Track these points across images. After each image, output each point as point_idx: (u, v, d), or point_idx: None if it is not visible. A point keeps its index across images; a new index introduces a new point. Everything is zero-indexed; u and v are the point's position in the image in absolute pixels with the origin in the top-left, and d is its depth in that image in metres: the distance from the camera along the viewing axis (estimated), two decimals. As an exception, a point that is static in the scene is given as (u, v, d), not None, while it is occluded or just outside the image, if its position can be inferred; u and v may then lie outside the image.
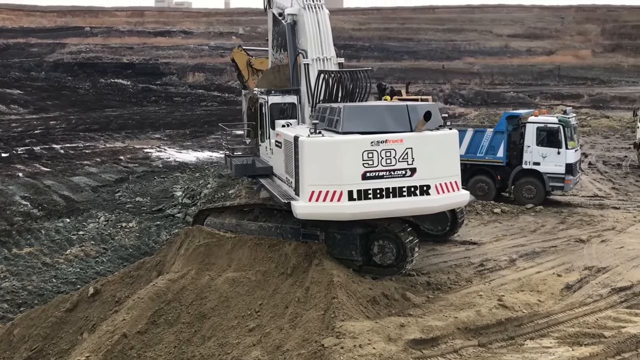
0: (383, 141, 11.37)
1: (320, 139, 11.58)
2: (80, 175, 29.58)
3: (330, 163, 11.43)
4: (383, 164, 11.37)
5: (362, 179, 11.35)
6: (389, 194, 11.46)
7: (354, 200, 11.36)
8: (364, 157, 11.33)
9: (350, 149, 11.40)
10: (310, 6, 15.24)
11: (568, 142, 19.53)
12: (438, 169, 11.72)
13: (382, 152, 11.35)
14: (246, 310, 11.38)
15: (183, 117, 52.32)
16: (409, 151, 11.44)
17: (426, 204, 11.70)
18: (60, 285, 16.39)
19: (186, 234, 13.78)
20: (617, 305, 11.63)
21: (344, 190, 11.32)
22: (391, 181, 11.44)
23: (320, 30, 14.94)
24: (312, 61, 14.97)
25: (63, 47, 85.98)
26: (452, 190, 11.89)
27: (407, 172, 11.47)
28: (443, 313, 10.85)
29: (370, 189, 11.38)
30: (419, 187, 11.54)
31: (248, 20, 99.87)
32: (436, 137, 11.79)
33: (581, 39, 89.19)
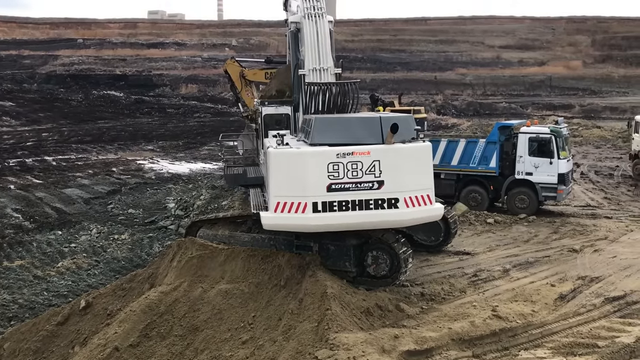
0: (349, 153, 11.30)
1: (286, 150, 11.67)
2: (73, 187, 29.43)
3: (295, 174, 11.43)
4: (349, 176, 11.30)
5: (327, 191, 11.29)
6: (355, 207, 11.35)
7: (319, 212, 11.31)
8: (330, 169, 11.27)
9: (315, 161, 11.37)
10: (311, 15, 15.27)
11: (560, 152, 19.65)
12: (408, 182, 11.49)
13: (348, 164, 11.30)
14: (239, 323, 11.31)
15: (176, 128, 52.27)
16: (376, 163, 11.33)
17: (394, 217, 11.49)
18: (52, 298, 16.24)
19: (179, 245, 13.71)
20: (610, 314, 11.64)
21: (308, 202, 11.28)
22: (357, 193, 11.32)
23: (318, 40, 14.96)
24: (308, 72, 15.01)
25: (55, 59, 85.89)
26: (424, 204, 11.59)
27: (374, 185, 11.35)
28: (437, 324, 10.82)
29: (336, 201, 11.30)
30: (387, 200, 11.36)
31: (241, 32, 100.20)
32: (405, 150, 11.58)
33: (572, 50, 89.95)
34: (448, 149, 20.92)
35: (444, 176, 21.05)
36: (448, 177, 21.01)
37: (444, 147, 20.99)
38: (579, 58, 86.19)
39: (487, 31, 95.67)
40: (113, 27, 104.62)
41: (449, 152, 20.88)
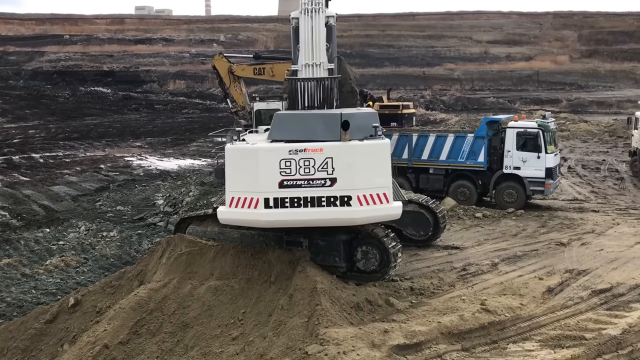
0: (302, 150, 11.33)
1: (239, 146, 11.82)
2: (60, 184, 29.21)
3: (248, 170, 11.57)
4: (301, 173, 11.31)
5: (279, 187, 11.35)
6: (307, 204, 11.34)
7: (270, 208, 11.38)
8: (282, 165, 11.32)
9: (267, 157, 11.46)
10: (307, 10, 15.25)
11: (547, 146, 19.80)
12: (361, 179, 11.39)
13: (300, 161, 11.31)
14: (229, 319, 11.31)
15: (164, 124, 52.01)
16: (329, 161, 11.29)
17: (347, 215, 11.42)
18: (40, 297, 16.14)
19: (168, 242, 13.66)
20: (597, 307, 11.78)
21: (260, 198, 11.39)
22: (310, 190, 11.33)
23: (313, 35, 14.92)
24: (301, 67, 14.99)
25: (42, 55, 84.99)
26: (380, 202, 11.45)
27: (326, 182, 11.31)
28: (426, 318, 10.89)
29: (287, 197, 11.34)
30: (339, 198, 11.29)
31: (229, 27, 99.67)
32: (360, 147, 11.46)
33: (559, 44, 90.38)
34: (436, 144, 21.01)
35: (432, 171, 21.16)
36: (437, 172, 21.10)
37: (433, 142, 21.07)
38: (566, 53, 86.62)
39: (475, 26, 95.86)
40: (100, 23, 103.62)
41: (438, 147, 20.97)
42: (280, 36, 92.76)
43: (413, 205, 15.74)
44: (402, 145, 21.44)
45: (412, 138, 21.30)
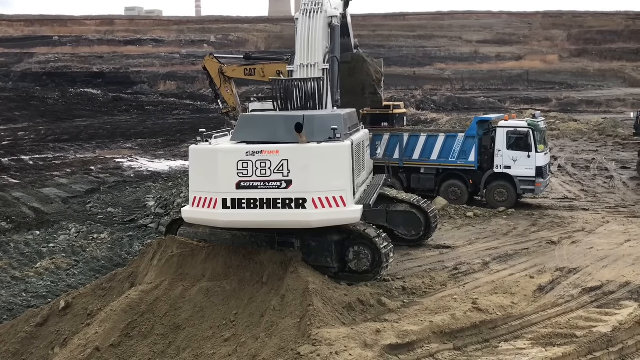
0: (258, 152, 11.37)
1: (199, 147, 11.94)
2: (50, 186, 29.03)
3: (208, 171, 11.69)
4: (258, 175, 11.35)
5: (236, 188, 11.40)
6: (263, 205, 11.37)
7: (228, 208, 11.45)
8: (239, 166, 11.38)
9: (225, 158, 11.54)
10: (307, 10, 15.26)
11: (538, 145, 19.88)
12: (317, 182, 11.33)
13: (257, 162, 11.35)
14: (221, 320, 11.28)
15: (155, 126, 51.83)
16: (284, 163, 11.29)
17: (301, 217, 11.41)
18: (31, 300, 16.03)
19: (159, 244, 13.61)
20: (588, 305, 11.85)
21: (218, 198, 11.47)
22: (266, 192, 11.35)
23: (309, 36, 14.93)
24: (296, 67, 15.00)
25: (31, 56, 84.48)
26: (336, 206, 11.37)
27: (282, 184, 11.32)
28: (418, 317, 10.91)
29: (245, 198, 11.39)
30: (295, 200, 11.28)
31: (220, 28, 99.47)
32: (315, 150, 11.42)
33: (548, 44, 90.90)
34: (427, 143, 21.05)
35: (423, 171, 21.20)
36: (428, 171, 21.15)
37: (424, 142, 21.11)
38: (555, 52, 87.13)
39: (465, 26, 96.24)
40: (90, 24, 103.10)
41: (429, 146, 21.02)
42: (271, 37, 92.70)
43: (404, 205, 15.77)
44: (393, 145, 21.47)
45: (403, 138, 21.33)
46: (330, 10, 15.48)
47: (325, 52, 15.01)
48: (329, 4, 15.71)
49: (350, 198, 11.61)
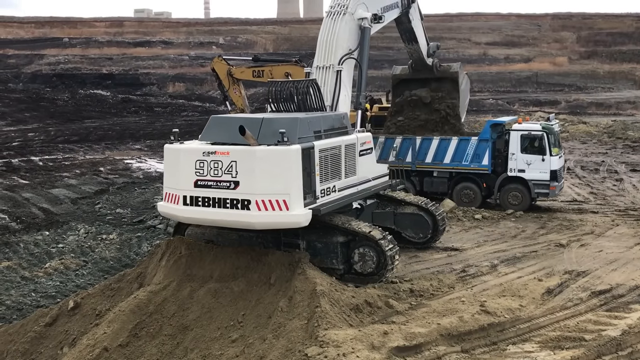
0: (213, 152, 11.77)
1: (171, 146, 12.58)
2: (60, 187, 29.20)
3: (174, 169, 12.35)
4: (212, 174, 11.76)
5: (194, 187, 11.91)
6: (215, 204, 11.75)
7: (187, 205, 12.04)
8: (197, 166, 11.86)
9: (186, 157, 12.11)
10: (330, 13, 15.35)
11: (552, 148, 19.76)
12: (261, 185, 11.47)
13: (211, 162, 11.75)
14: (229, 321, 11.30)
15: (164, 127, 52.01)
16: (233, 164, 11.57)
17: (245, 218, 11.61)
18: (40, 300, 16.12)
19: (167, 245, 13.66)
20: (597, 308, 11.77)
21: (180, 195, 12.14)
22: (217, 192, 11.73)
23: (328, 38, 15.01)
24: (313, 69, 15.07)
25: (41, 58, 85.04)
26: (279, 209, 11.43)
27: (231, 185, 11.61)
28: (426, 320, 10.88)
29: (201, 196, 11.87)
30: (240, 201, 11.53)
31: (228, 30, 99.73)
32: (259, 152, 11.53)
33: (557, 46, 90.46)
34: (440, 147, 20.96)
35: (436, 174, 21.15)
36: (441, 175, 21.10)
37: (437, 145, 21.01)
38: (565, 54, 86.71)
39: (474, 28, 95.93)
40: (99, 25, 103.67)
41: (441, 150, 20.93)
42: (279, 39, 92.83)
43: (412, 208, 15.74)
44: (405, 148, 21.39)
45: (415, 141, 21.25)
46: (359, 13, 15.49)
47: (345, 54, 14.99)
48: (363, 6, 15.76)
49: (297, 202, 11.59)
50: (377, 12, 16.54)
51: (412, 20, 19.89)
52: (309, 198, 11.94)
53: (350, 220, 13.01)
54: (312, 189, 12.01)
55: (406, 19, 19.70)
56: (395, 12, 18.57)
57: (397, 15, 18.88)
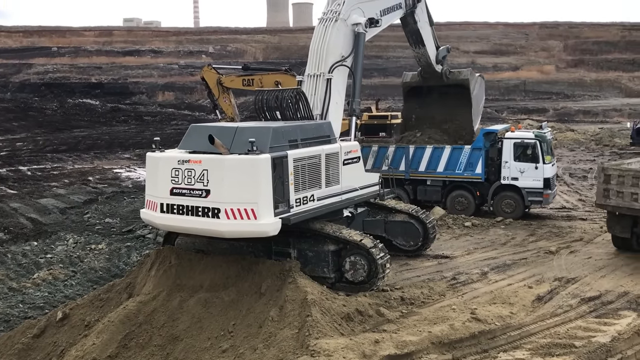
0: (186, 161, 11.90)
1: (150, 154, 12.79)
2: (48, 197, 28.97)
3: (153, 177, 12.52)
4: (185, 183, 11.88)
5: (170, 194, 12.04)
6: (189, 212, 11.85)
7: (164, 212, 12.14)
8: (172, 174, 12.00)
9: (163, 165, 12.26)
10: (323, 20, 15.27)
11: (545, 156, 19.85)
12: (230, 193, 11.51)
13: (185, 170, 11.88)
14: (219, 331, 11.24)
15: (153, 136, 51.13)
16: (205, 172, 11.67)
17: (215, 227, 11.69)
18: (28, 311, 15.94)
19: (157, 254, 13.57)
20: (586, 315, 11.83)
21: (157, 203, 12.30)
22: (190, 200, 11.84)
23: (320, 45, 14.93)
24: (305, 77, 15.03)
25: (29, 67, 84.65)
26: (247, 218, 11.44)
27: (202, 193, 11.71)
28: (417, 328, 10.88)
29: (176, 204, 11.99)
30: (211, 209, 11.62)
31: (218, 39, 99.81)
32: (228, 161, 11.58)
33: (545, 54, 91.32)
34: (434, 155, 20.99)
35: (430, 182, 21.18)
36: (434, 183, 21.14)
37: (430, 154, 21.05)
38: (552, 63, 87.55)
39: (462, 37, 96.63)
40: (88, 34, 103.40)
41: (435, 158, 20.96)
42: (269, 48, 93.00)
43: (403, 216, 15.76)
44: (399, 157, 21.40)
45: (409, 150, 21.29)
46: (353, 18, 15.34)
47: (336, 61, 14.94)
48: (358, 11, 15.60)
49: (266, 211, 11.54)
50: (375, 15, 16.29)
51: (418, 21, 19.58)
52: (282, 207, 11.89)
53: (341, 229, 13.00)
54: (286, 197, 11.98)
55: (412, 20, 19.42)
56: (397, 13, 18.25)
57: (399, 17, 18.56)
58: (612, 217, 15.67)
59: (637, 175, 14.66)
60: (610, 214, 15.73)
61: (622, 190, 14.85)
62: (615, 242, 16.18)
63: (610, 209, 15.49)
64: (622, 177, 14.89)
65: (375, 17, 16.26)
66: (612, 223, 15.75)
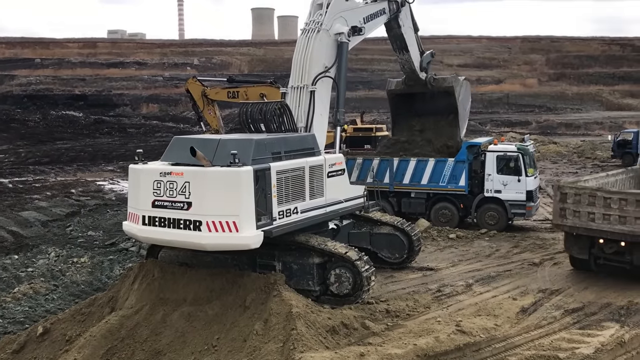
0: (168, 173, 11.81)
1: (133, 166, 12.72)
2: (30, 209, 28.60)
3: (135, 189, 12.42)
4: (167, 195, 11.77)
5: (152, 207, 11.93)
6: (170, 224, 11.76)
7: (146, 225, 12.05)
8: (154, 186, 11.89)
9: (144, 177, 12.19)
10: (305, 30, 15.20)
11: (527, 169, 20.01)
12: (211, 206, 11.45)
13: (167, 183, 11.77)
14: (203, 345, 11.11)
15: (137, 148, 51.06)
16: (187, 185, 11.58)
17: (197, 239, 11.59)
18: (7, 325, 15.65)
19: (140, 268, 13.42)
20: (570, 326, 11.89)
21: (139, 215, 12.17)
22: (172, 212, 11.74)
23: (303, 57, 14.87)
24: (289, 89, 14.99)
25: (12, 79, 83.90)
26: (229, 231, 11.38)
27: (184, 205, 11.62)
28: (402, 340, 10.85)
29: (157, 216, 11.88)
30: (192, 222, 11.54)
31: (203, 51, 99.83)
32: (212, 174, 11.54)
33: (527, 68, 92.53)
34: (417, 168, 21.07)
35: (414, 195, 21.24)
36: (418, 195, 21.19)
37: (414, 167, 21.13)
38: (535, 76, 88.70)
39: (446, 50, 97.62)
40: (72, 46, 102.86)
41: (419, 171, 21.04)
42: (254, 60, 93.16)
43: (388, 228, 15.76)
44: (383, 169, 21.46)
45: (393, 163, 21.35)
46: (336, 27, 15.27)
47: (320, 73, 14.89)
48: (341, 20, 15.53)
49: (248, 224, 11.47)
50: (358, 23, 16.22)
51: (402, 26, 19.52)
52: (265, 219, 11.81)
53: (326, 241, 12.97)
54: (269, 210, 11.91)
55: (396, 24, 19.35)
56: (381, 19, 18.17)
57: (383, 22, 18.48)
58: (570, 238, 14.95)
59: (593, 194, 14.02)
60: (567, 234, 15.03)
61: (578, 210, 14.20)
62: (573, 263, 15.54)
63: (567, 229, 14.77)
64: (578, 196, 14.21)
65: (359, 25, 16.19)
66: (570, 244, 15.03)
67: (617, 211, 13.59)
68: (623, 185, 17.60)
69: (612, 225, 13.71)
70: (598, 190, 14.32)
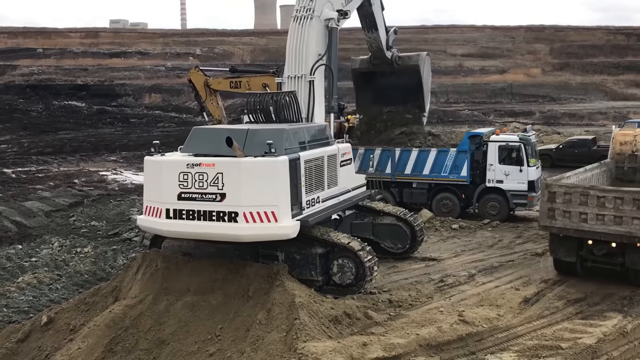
0: (197, 164, 11.59)
1: (149, 158, 12.39)
2: (33, 200, 28.66)
3: (155, 181, 12.09)
4: (196, 187, 11.57)
5: (177, 199, 11.69)
6: (200, 217, 11.56)
7: (170, 218, 11.78)
8: (180, 178, 11.65)
9: (168, 170, 11.89)
10: (297, 17, 15.11)
11: (529, 159, 20.00)
12: (248, 196, 11.36)
13: (196, 174, 11.56)
14: (206, 335, 11.17)
15: (140, 138, 51.51)
16: (219, 176, 11.43)
17: (233, 231, 11.49)
18: (12, 315, 15.75)
19: (143, 258, 13.47)
20: (572, 316, 11.92)
21: (162, 208, 11.89)
22: (203, 204, 11.55)
23: (298, 45, 14.80)
24: (285, 79, 14.95)
25: (14, 69, 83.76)
26: (266, 221, 11.35)
27: (217, 197, 11.46)
28: (405, 330, 10.89)
29: (185, 209, 11.64)
30: (227, 213, 11.39)
31: (205, 40, 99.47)
32: (246, 164, 11.47)
33: (531, 57, 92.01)
34: (419, 158, 21.08)
35: (416, 185, 21.27)
36: (420, 186, 21.22)
37: (416, 157, 21.14)
38: (538, 66, 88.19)
39: (449, 40, 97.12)
40: (74, 36, 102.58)
41: (421, 161, 21.05)
42: (257, 50, 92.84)
43: (390, 218, 15.78)
44: (385, 159, 21.47)
45: (395, 153, 21.36)
46: (326, 13, 15.21)
47: (316, 61, 14.87)
48: (328, 5, 15.46)
49: (285, 213, 11.50)
50: (342, 6, 16.18)
51: (372, 4, 19.70)
52: (296, 209, 11.90)
53: (329, 232, 13.00)
54: (299, 200, 11.96)
55: (367, 2, 19.44)
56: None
57: (361, 1, 18.46)
58: (555, 239, 13.87)
59: (585, 193, 12.93)
60: (553, 235, 13.91)
61: (569, 210, 13.10)
62: (558, 267, 14.41)
63: (557, 231, 13.61)
64: (568, 195, 13.11)
65: (343, 9, 16.16)
66: (555, 245, 13.92)
67: (612, 211, 12.62)
68: (597, 181, 16.74)
69: (606, 226, 12.70)
70: (591, 188, 13.30)
